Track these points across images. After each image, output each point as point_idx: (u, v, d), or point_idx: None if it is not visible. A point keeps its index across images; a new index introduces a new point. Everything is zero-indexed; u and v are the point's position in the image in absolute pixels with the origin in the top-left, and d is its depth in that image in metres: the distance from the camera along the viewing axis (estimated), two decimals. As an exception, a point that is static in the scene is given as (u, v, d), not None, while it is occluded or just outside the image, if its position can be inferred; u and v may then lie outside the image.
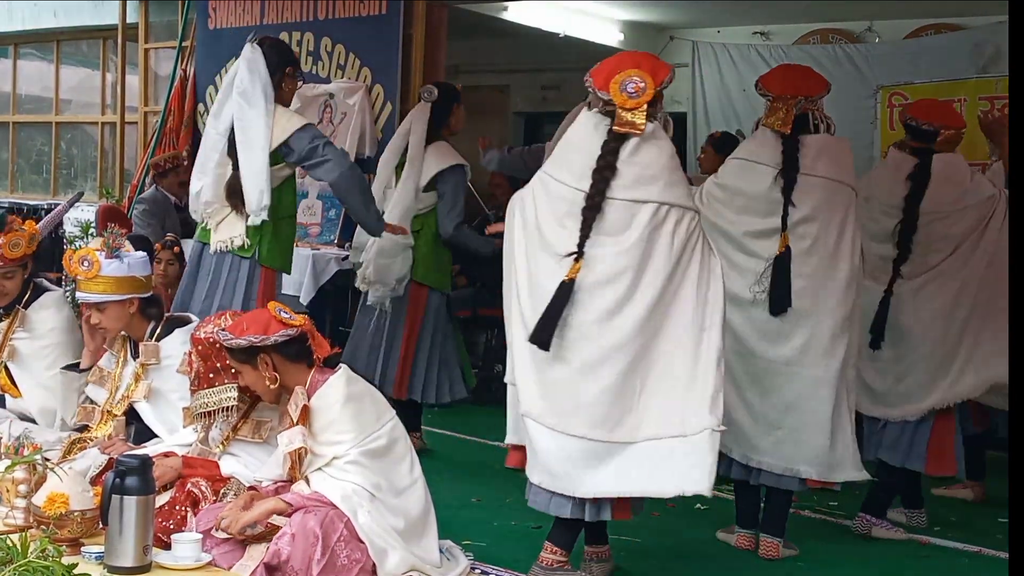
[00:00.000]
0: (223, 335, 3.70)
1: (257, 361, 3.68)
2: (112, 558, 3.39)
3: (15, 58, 11.63)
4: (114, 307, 4.30)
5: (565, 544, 4.10)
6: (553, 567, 4.07)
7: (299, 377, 3.70)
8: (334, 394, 3.67)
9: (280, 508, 3.55)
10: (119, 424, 4.33)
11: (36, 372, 4.82)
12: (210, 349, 3.89)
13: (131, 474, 3.42)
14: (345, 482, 3.57)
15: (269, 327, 3.67)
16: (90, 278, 4.25)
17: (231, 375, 3.87)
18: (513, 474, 5.74)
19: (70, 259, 4.29)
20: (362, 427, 3.65)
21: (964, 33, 8.60)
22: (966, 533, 5.02)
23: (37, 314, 4.83)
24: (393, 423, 3.76)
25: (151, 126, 9.30)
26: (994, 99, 7.92)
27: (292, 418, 3.67)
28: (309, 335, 3.73)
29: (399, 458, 3.74)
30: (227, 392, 3.90)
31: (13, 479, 3.75)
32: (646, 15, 9.70)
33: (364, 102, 7.71)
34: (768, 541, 4.58)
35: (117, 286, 4.27)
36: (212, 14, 8.74)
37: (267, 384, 3.70)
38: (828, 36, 9.44)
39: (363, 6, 7.85)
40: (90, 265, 4.23)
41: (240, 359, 3.71)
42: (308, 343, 3.72)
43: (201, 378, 3.93)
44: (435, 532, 3.79)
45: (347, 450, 3.61)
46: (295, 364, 3.70)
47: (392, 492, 3.66)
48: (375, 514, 3.56)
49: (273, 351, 3.67)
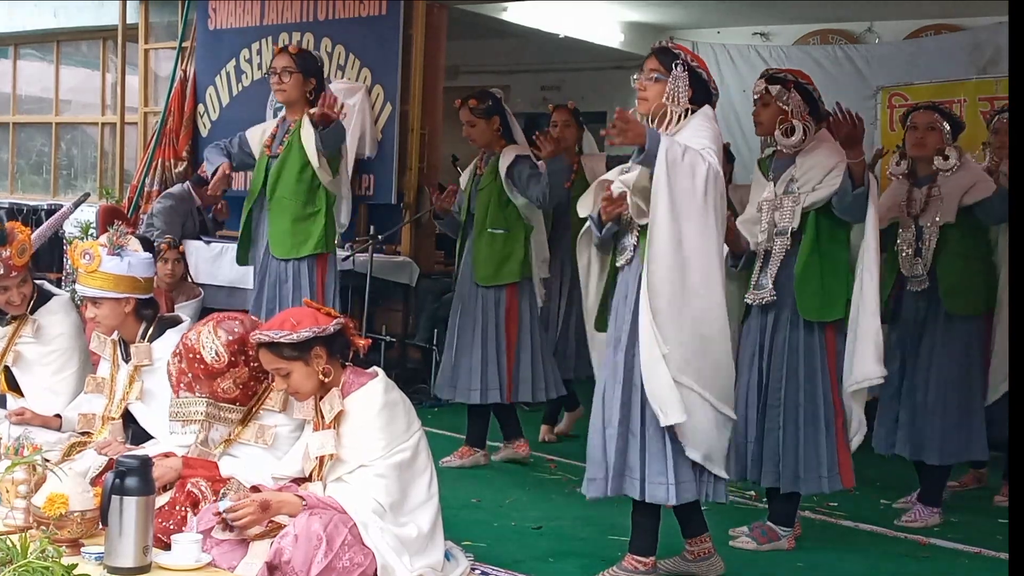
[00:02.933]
0: (278, 334, 3.59)
1: (310, 356, 3.62)
2: (112, 559, 3.39)
3: (15, 58, 11.64)
4: (109, 303, 4.29)
5: (652, 548, 4.14)
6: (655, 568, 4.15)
7: (336, 376, 3.69)
8: (371, 400, 3.64)
9: (297, 509, 3.54)
10: (115, 427, 4.33)
11: (42, 377, 4.81)
12: (187, 356, 3.84)
13: (131, 475, 3.41)
14: (365, 497, 3.55)
15: (318, 319, 3.64)
16: (90, 272, 4.25)
17: (205, 388, 3.83)
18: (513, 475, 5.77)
19: (75, 250, 4.29)
20: (392, 436, 3.62)
21: (964, 34, 8.62)
22: (966, 534, 5.02)
23: (45, 319, 4.82)
24: (420, 434, 3.74)
25: (151, 127, 9.30)
26: (994, 100, 7.92)
27: (325, 420, 3.65)
28: (349, 328, 3.73)
29: (420, 471, 3.71)
30: (196, 406, 3.85)
31: (13, 480, 3.74)
32: (646, 16, 9.72)
33: (364, 103, 7.71)
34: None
35: (115, 283, 4.26)
36: (212, 15, 8.75)
37: (319, 379, 3.64)
38: (828, 37, 9.45)
39: (363, 7, 7.86)
40: (91, 259, 4.23)
41: (292, 356, 3.61)
42: (348, 338, 3.71)
43: (174, 383, 3.89)
44: (441, 541, 3.78)
45: (374, 460, 3.58)
46: (334, 361, 3.68)
47: (408, 507, 3.65)
48: (386, 532, 3.54)
49: (323, 345, 3.63)
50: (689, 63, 4.03)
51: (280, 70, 5.52)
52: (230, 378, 3.85)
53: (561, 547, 4.58)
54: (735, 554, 4.62)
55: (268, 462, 3.92)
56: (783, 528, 4.72)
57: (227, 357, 3.82)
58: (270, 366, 3.66)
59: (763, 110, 4.61)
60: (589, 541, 4.58)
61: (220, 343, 3.82)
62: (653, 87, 4.05)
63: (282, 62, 5.54)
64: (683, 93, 4.00)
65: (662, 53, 4.07)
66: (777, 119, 4.55)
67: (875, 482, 5.57)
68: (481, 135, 5.87)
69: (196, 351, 3.81)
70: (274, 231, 5.55)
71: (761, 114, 4.62)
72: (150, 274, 4.40)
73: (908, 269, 5.18)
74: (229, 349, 3.82)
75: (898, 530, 5.07)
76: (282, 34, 8.22)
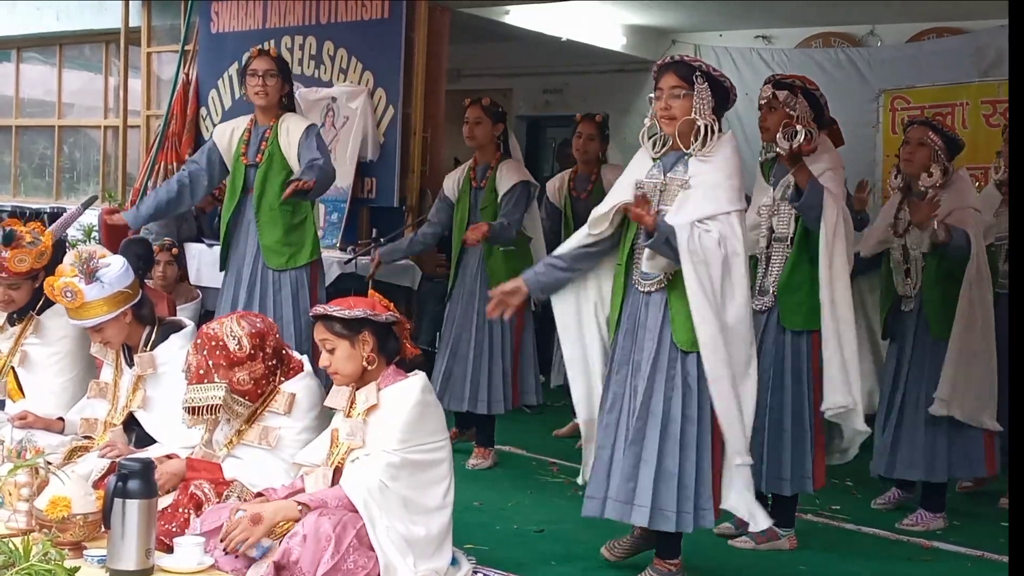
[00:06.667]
0: (331, 308, 3.70)
1: (358, 338, 3.68)
2: (114, 561, 3.39)
3: (18, 62, 11.65)
4: (110, 323, 4.31)
5: (677, 550, 4.19)
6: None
7: (378, 369, 3.73)
8: (407, 396, 3.68)
9: (292, 516, 3.54)
10: (117, 433, 4.33)
11: (45, 378, 4.81)
12: (209, 344, 3.90)
13: (133, 478, 3.42)
14: (370, 476, 3.56)
15: (375, 307, 3.71)
16: (77, 307, 4.26)
17: (224, 375, 3.88)
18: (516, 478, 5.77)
19: (52, 288, 4.27)
20: (416, 434, 3.65)
21: (966, 37, 8.60)
22: (969, 537, 5.02)
23: (51, 321, 4.82)
24: (445, 444, 3.76)
25: (154, 130, 9.30)
26: (996, 103, 7.92)
27: (357, 410, 3.70)
28: (403, 330, 3.77)
29: (439, 479, 3.73)
30: (215, 391, 3.90)
31: (15, 482, 3.75)
32: (648, 19, 9.71)
33: (366, 106, 7.70)
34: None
35: (106, 306, 4.27)
36: (215, 18, 8.75)
37: (362, 363, 3.69)
38: (830, 40, 9.44)
39: (365, 10, 7.85)
40: (73, 296, 4.23)
41: (340, 333, 3.69)
42: (400, 338, 3.76)
43: (193, 372, 3.94)
44: (449, 549, 3.78)
45: (391, 448, 3.60)
46: (380, 356, 3.72)
47: (422, 510, 3.66)
48: (391, 531, 3.55)
49: (373, 334, 3.68)
50: (710, 73, 4.00)
51: (263, 72, 5.50)
52: (247, 370, 3.92)
53: (563, 550, 4.58)
54: (735, 554, 4.63)
55: (271, 464, 3.93)
56: (783, 529, 4.73)
57: (248, 348, 3.91)
58: (319, 336, 3.74)
59: (770, 115, 4.60)
60: (591, 545, 4.57)
61: (243, 333, 3.92)
62: (679, 104, 3.99)
63: (264, 64, 5.52)
64: (708, 105, 3.98)
65: (681, 67, 4.01)
66: (783, 124, 4.55)
67: (877, 486, 5.57)
68: (484, 134, 6.01)
69: (220, 338, 3.89)
70: (267, 242, 5.54)
71: (768, 119, 4.61)
72: (132, 278, 4.38)
73: (901, 288, 5.18)
74: (251, 341, 3.92)
75: (901, 533, 5.07)
76: (284, 37, 8.21)
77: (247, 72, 5.56)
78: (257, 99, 5.56)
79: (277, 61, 5.60)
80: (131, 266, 4.43)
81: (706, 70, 4.00)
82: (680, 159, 4.04)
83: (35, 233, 4.78)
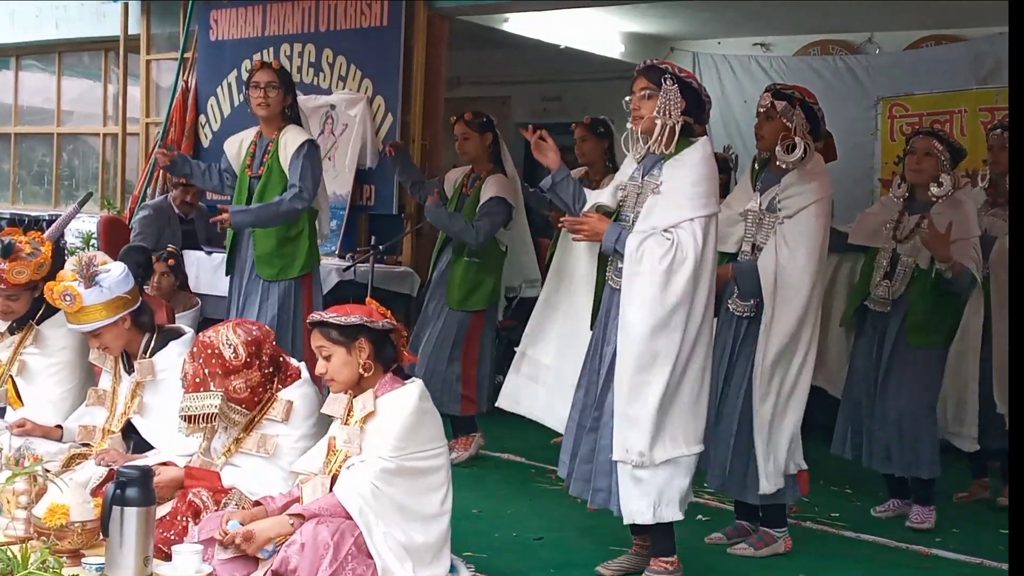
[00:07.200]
0: (327, 315, 3.69)
1: (354, 345, 3.67)
2: (113, 569, 3.39)
3: (17, 69, 11.66)
4: (108, 329, 4.31)
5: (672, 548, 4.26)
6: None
7: (375, 377, 3.72)
8: (403, 403, 3.67)
9: (285, 532, 3.53)
10: (115, 440, 4.33)
11: (44, 388, 4.80)
12: (205, 353, 3.89)
13: (132, 485, 3.41)
14: (363, 480, 3.55)
15: (372, 314, 3.71)
16: (76, 312, 4.25)
17: (220, 383, 3.88)
18: (514, 486, 5.76)
19: (51, 292, 4.28)
20: (412, 441, 3.64)
21: (964, 44, 8.61)
22: (968, 544, 5.01)
23: (50, 331, 4.81)
24: (442, 451, 3.76)
25: (152, 137, 9.31)
26: (994, 110, 7.93)
27: (354, 418, 3.70)
28: (400, 338, 3.77)
29: (436, 486, 3.72)
30: (211, 399, 3.89)
31: (14, 490, 3.74)
32: (647, 26, 9.72)
33: (365, 113, 7.72)
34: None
35: (105, 311, 4.27)
36: (214, 26, 8.76)
37: (358, 370, 3.68)
38: (829, 47, 9.46)
39: (364, 17, 7.87)
40: (72, 299, 4.22)
41: (337, 340, 3.68)
42: (397, 346, 3.76)
43: (189, 381, 3.94)
44: (447, 557, 3.76)
45: (387, 454, 3.60)
46: (377, 363, 3.71)
47: (420, 517, 3.65)
48: (389, 537, 3.55)
49: (369, 340, 3.68)
50: (678, 75, 4.11)
51: (265, 84, 5.57)
52: (243, 378, 3.90)
53: (562, 558, 4.57)
54: (735, 562, 4.63)
55: (269, 472, 3.92)
56: (777, 529, 4.73)
57: (244, 356, 3.89)
58: (315, 343, 3.74)
59: (766, 123, 4.64)
60: (590, 552, 4.57)
61: (239, 341, 3.90)
62: (646, 104, 4.15)
63: (267, 76, 5.59)
64: (675, 106, 4.10)
65: (650, 71, 4.17)
66: (779, 134, 4.60)
67: (877, 493, 5.56)
68: (474, 148, 6.15)
69: (215, 347, 3.87)
70: (260, 253, 5.65)
71: (764, 127, 4.66)
72: (131, 284, 4.38)
73: (875, 289, 5.19)
74: (247, 349, 3.90)
75: (900, 540, 5.06)
76: (283, 45, 8.23)
77: (249, 84, 5.64)
78: (259, 111, 5.65)
79: (279, 73, 5.66)
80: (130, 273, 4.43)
81: (674, 72, 4.11)
82: (656, 163, 4.17)
83: (35, 243, 4.76)
